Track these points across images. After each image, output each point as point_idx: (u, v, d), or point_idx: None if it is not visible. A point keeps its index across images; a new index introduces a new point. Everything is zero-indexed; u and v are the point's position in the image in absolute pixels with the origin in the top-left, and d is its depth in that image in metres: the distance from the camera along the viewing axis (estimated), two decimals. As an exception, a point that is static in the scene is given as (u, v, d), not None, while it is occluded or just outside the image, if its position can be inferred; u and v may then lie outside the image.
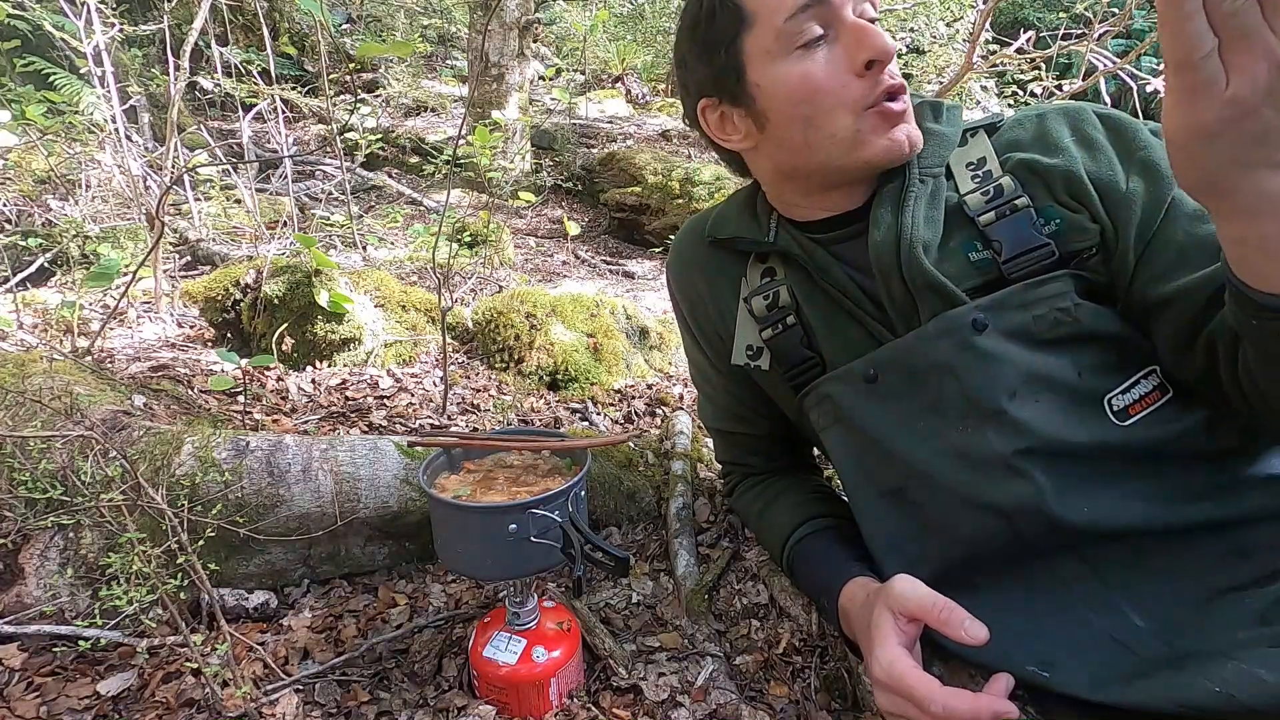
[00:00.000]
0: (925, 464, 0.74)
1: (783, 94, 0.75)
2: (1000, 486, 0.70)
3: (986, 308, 0.71)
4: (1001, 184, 0.74)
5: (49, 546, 0.98)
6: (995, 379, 0.70)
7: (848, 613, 0.78)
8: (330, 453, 1.10)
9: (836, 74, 0.72)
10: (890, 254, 0.74)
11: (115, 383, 1.34)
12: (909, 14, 5.31)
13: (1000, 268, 0.72)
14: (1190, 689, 0.61)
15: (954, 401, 0.72)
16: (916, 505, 0.76)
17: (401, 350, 1.97)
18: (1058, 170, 0.72)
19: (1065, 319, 0.70)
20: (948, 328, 0.71)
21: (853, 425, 0.80)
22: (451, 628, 1.03)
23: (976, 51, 2.65)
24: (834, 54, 0.72)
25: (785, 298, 0.86)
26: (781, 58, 0.74)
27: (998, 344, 0.70)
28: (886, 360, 0.76)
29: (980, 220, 0.73)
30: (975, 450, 0.71)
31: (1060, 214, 0.72)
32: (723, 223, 0.91)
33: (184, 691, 0.88)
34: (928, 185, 0.75)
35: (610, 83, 7.56)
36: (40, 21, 2.60)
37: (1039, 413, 0.69)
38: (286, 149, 3.60)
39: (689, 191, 4.28)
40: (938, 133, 0.78)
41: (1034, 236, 0.71)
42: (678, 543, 1.15)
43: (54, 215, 2.63)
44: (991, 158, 0.76)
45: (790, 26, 0.72)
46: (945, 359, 0.72)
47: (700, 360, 1.01)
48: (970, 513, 0.71)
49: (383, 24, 7.18)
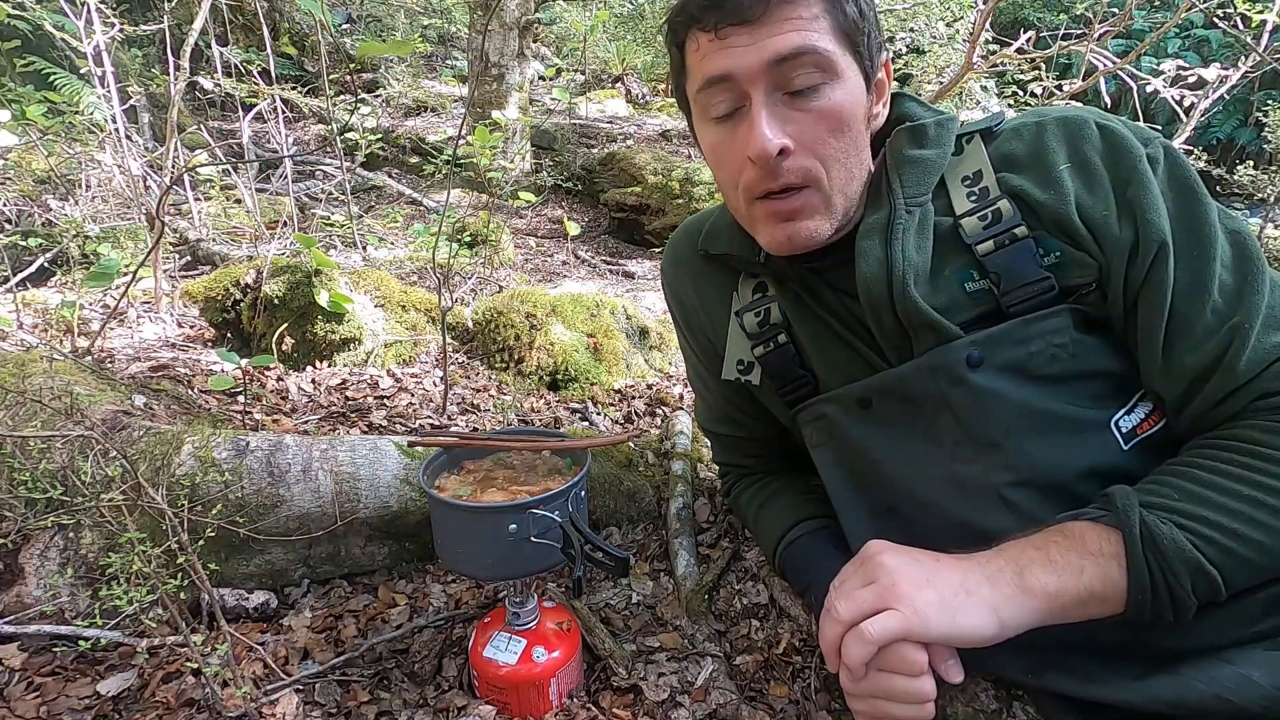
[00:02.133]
0: (918, 488, 0.74)
1: (705, 153, 0.77)
2: (991, 515, 0.70)
3: (982, 343, 0.69)
4: (1000, 208, 0.71)
5: (49, 546, 0.98)
6: (990, 415, 0.69)
7: None
8: (330, 453, 1.10)
9: (736, 155, 0.71)
10: (880, 287, 0.71)
11: (115, 383, 1.34)
12: (909, 14, 5.31)
13: (998, 300, 0.70)
14: (1184, 690, 0.61)
15: (949, 432, 0.72)
16: (907, 524, 0.76)
17: (401, 350, 1.97)
18: (1049, 210, 0.69)
19: (1062, 355, 0.68)
20: (942, 363, 0.70)
21: (847, 445, 0.80)
22: (451, 628, 1.03)
23: (976, 51, 2.65)
24: (740, 133, 0.70)
25: (777, 315, 0.84)
26: (703, 119, 0.74)
27: (992, 380, 0.69)
28: (881, 388, 0.76)
29: (978, 250, 0.71)
30: (969, 479, 0.71)
31: (1060, 246, 0.70)
32: (715, 238, 0.89)
33: (184, 691, 0.88)
34: (914, 215, 0.73)
35: (610, 83, 7.56)
36: (40, 21, 2.59)
37: (1035, 446, 0.69)
38: (286, 149, 3.60)
39: (689, 191, 4.28)
40: (921, 160, 0.74)
41: (1034, 270, 0.69)
42: (678, 543, 1.15)
43: (54, 215, 2.63)
44: (988, 172, 0.73)
45: (701, 98, 0.72)
46: (940, 393, 0.71)
47: (695, 364, 1.01)
48: (960, 536, 0.71)
49: (383, 24, 7.19)
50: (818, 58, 0.66)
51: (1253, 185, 4.03)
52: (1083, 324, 0.70)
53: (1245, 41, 2.74)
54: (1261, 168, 4.22)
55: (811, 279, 0.80)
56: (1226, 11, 2.78)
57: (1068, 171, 0.70)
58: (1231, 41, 6.43)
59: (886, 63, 0.76)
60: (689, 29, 0.71)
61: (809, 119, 0.68)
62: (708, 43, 0.69)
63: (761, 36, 0.66)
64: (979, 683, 0.80)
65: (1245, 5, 2.67)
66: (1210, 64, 3.08)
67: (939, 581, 0.61)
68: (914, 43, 5.67)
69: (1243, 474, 0.61)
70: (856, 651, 0.60)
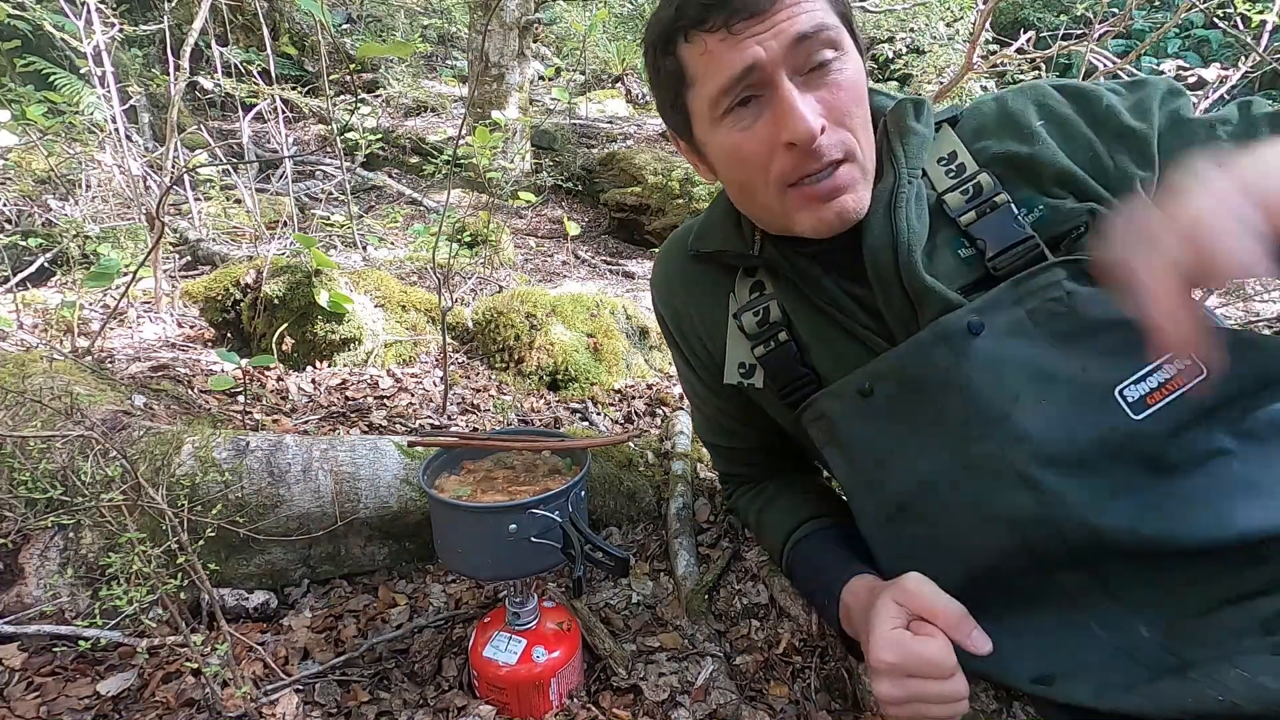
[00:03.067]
0: (929, 477, 0.72)
1: (719, 158, 0.75)
2: (1010, 498, 0.68)
3: (980, 309, 0.69)
4: (980, 181, 0.73)
5: (49, 546, 0.98)
6: (997, 383, 0.68)
7: (850, 609, 0.77)
8: (330, 453, 1.10)
9: (764, 146, 0.70)
10: (888, 258, 0.72)
11: (115, 383, 1.34)
12: (909, 14, 5.31)
13: (986, 265, 0.71)
14: (1194, 696, 0.61)
15: (957, 410, 0.70)
16: (922, 521, 0.74)
17: (401, 350, 1.97)
18: (1042, 162, 0.71)
19: (1060, 309, 0.68)
20: (944, 334, 0.70)
21: (850, 443, 0.78)
22: (451, 628, 1.03)
23: (976, 51, 2.65)
24: (765, 122, 0.69)
25: (776, 313, 0.83)
26: (716, 124, 0.72)
27: (996, 345, 0.69)
28: (882, 372, 0.74)
29: (961, 221, 0.73)
30: (982, 460, 0.69)
31: (1042, 200, 0.71)
32: (706, 235, 0.88)
33: (184, 691, 0.88)
34: (915, 185, 0.74)
35: (610, 83, 7.56)
36: (40, 21, 2.59)
37: (1045, 414, 0.67)
38: (286, 149, 3.60)
39: (689, 191, 4.28)
40: (919, 131, 0.76)
41: (1016, 231, 0.71)
42: (678, 543, 1.15)
43: (54, 215, 2.64)
44: (962, 150, 0.75)
45: (724, 97, 0.70)
46: (944, 367, 0.70)
47: (689, 376, 0.99)
48: (980, 526, 0.69)
49: (383, 24, 7.19)
50: (830, 34, 0.68)
51: (1253, 185, 4.03)
52: (1081, 274, 0.69)
53: (1245, 41, 2.74)
54: (1261, 168, 4.21)
55: (809, 266, 0.79)
56: (1226, 11, 2.78)
57: (1044, 128, 0.73)
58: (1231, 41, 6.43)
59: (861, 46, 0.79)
60: (691, 33, 0.70)
61: (833, 94, 0.69)
62: (719, 43, 0.67)
63: (775, 22, 0.66)
64: (978, 682, 0.80)
65: (1245, 5, 2.66)
66: (1210, 64, 3.08)
67: None
68: (914, 43, 5.67)
69: None
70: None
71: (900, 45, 5.64)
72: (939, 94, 3.16)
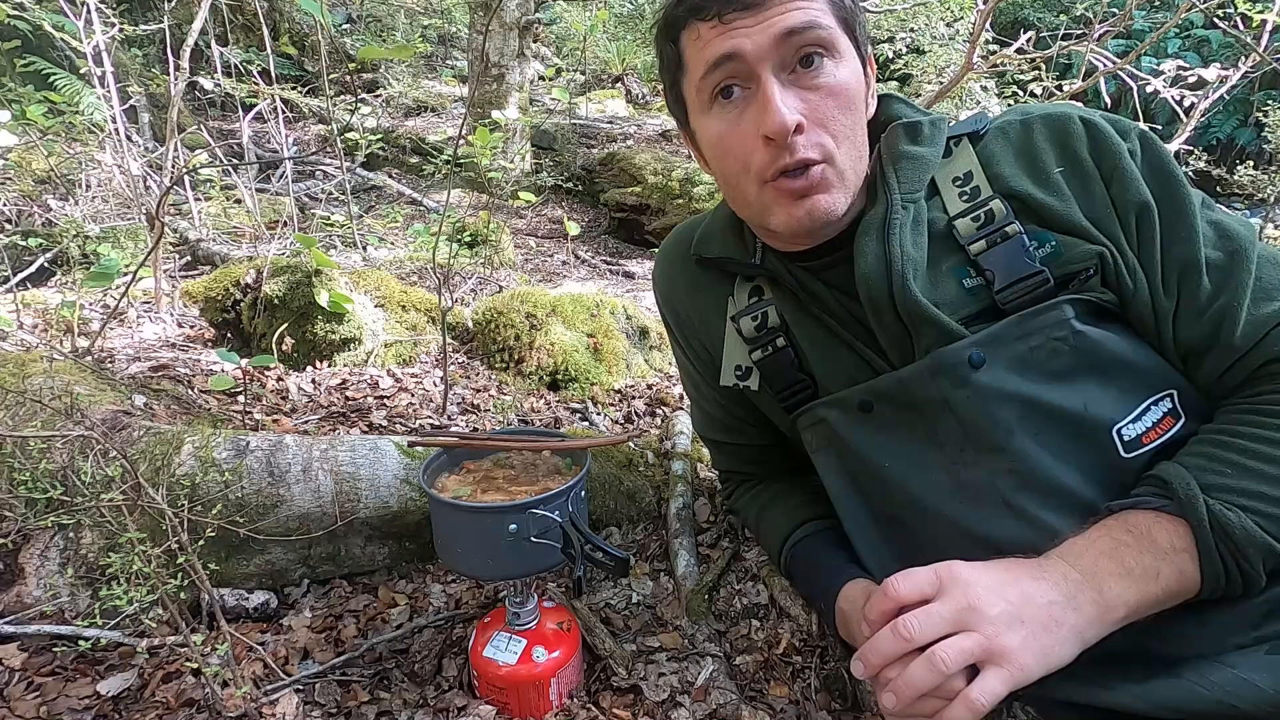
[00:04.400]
0: (921, 494, 0.73)
1: (707, 147, 0.76)
2: (996, 523, 0.69)
3: (983, 343, 0.69)
4: (993, 209, 0.71)
5: (49, 546, 0.98)
6: (993, 416, 0.69)
7: (846, 615, 0.78)
8: (330, 453, 1.10)
9: (745, 139, 0.70)
10: (881, 285, 0.71)
11: (115, 383, 1.34)
12: (909, 14, 5.31)
13: (994, 297, 0.71)
14: (1187, 694, 0.61)
15: (952, 435, 0.71)
16: (910, 531, 0.76)
17: (401, 350, 1.97)
18: (1057, 215, 0.70)
19: (1064, 348, 0.68)
20: (944, 365, 0.70)
21: (847, 450, 0.79)
22: (451, 628, 1.03)
23: (976, 52, 2.65)
24: (749, 116, 0.70)
25: (774, 318, 0.84)
26: (705, 111, 0.74)
27: (996, 379, 0.69)
28: (882, 391, 0.75)
29: (971, 250, 0.72)
30: (972, 484, 0.70)
31: (1054, 237, 0.70)
32: (708, 242, 0.88)
33: (184, 691, 0.88)
34: (909, 211, 0.73)
35: (610, 83, 7.56)
36: (40, 21, 2.59)
37: (1040, 449, 0.68)
38: (286, 149, 3.60)
39: (689, 191, 4.28)
40: (915, 155, 0.74)
41: (1027, 264, 0.69)
42: (678, 543, 1.15)
43: (54, 215, 2.64)
44: (979, 173, 0.74)
45: (705, 83, 0.71)
46: (943, 396, 0.70)
47: (691, 372, 0.99)
48: (964, 544, 0.70)
49: (383, 24, 7.18)
50: (822, 34, 0.68)
51: (1253, 185, 4.04)
52: (1089, 314, 0.69)
53: (1245, 41, 2.74)
54: (1261, 168, 4.22)
55: (809, 279, 0.79)
56: (1226, 11, 2.78)
57: (1063, 175, 0.71)
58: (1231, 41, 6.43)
59: (870, 58, 0.77)
60: (688, 22, 0.71)
61: (818, 96, 0.69)
62: (709, 30, 0.69)
63: (767, 17, 0.67)
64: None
65: (1245, 5, 2.66)
66: (1210, 64, 3.08)
67: (1027, 615, 0.59)
68: (914, 43, 5.66)
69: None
70: (923, 677, 0.58)
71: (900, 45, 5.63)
72: (939, 94, 3.16)
